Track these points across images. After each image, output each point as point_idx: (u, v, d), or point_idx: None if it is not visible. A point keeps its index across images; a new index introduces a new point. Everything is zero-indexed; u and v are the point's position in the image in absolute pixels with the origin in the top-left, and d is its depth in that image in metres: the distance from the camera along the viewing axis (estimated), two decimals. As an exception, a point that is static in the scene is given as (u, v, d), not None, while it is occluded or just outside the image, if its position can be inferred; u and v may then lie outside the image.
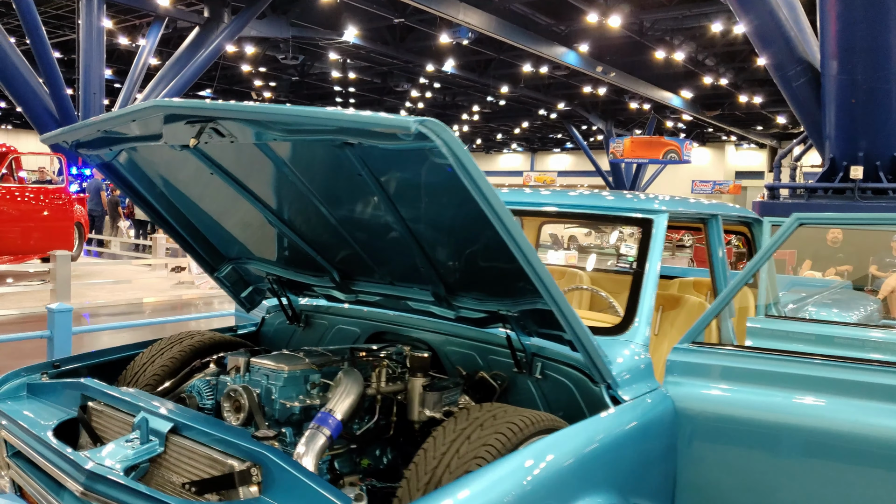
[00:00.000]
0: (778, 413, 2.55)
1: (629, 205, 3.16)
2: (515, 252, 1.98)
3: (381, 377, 2.65)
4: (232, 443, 1.97)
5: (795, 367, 2.59)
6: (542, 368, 2.63)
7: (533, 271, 2.02)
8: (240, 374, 2.55)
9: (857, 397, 2.49)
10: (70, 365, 3.00)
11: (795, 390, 2.57)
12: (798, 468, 2.51)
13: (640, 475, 2.49)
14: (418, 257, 2.58)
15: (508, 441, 2.04)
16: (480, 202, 1.84)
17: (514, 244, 1.95)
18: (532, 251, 1.99)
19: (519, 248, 1.96)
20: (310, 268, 3.18)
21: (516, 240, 1.94)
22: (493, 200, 1.83)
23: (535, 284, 2.07)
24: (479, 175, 1.78)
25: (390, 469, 2.73)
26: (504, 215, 1.87)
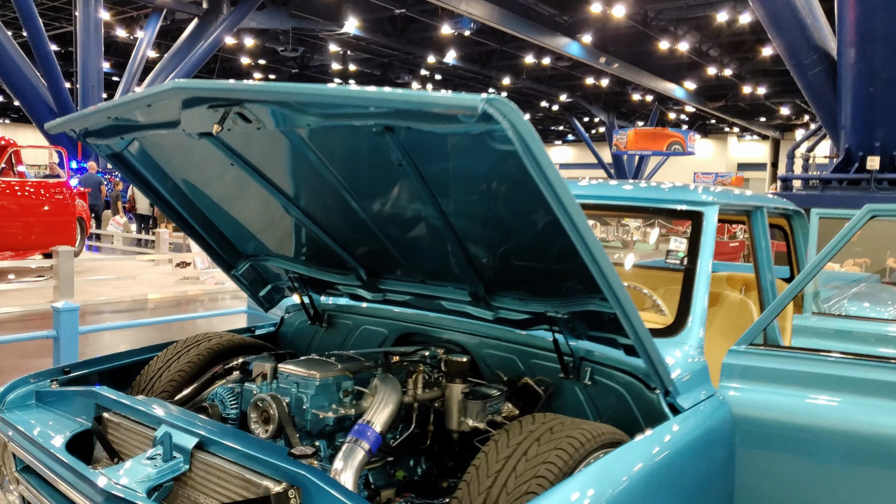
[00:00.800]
0: (848, 422, 2.36)
1: (677, 196, 2.96)
2: (581, 249, 1.78)
3: (418, 384, 2.46)
4: (267, 461, 1.78)
5: (867, 372, 2.39)
6: (591, 374, 2.44)
7: (599, 270, 1.83)
8: (266, 382, 2.36)
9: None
10: (81, 370, 2.80)
11: (867, 396, 2.38)
12: (872, 482, 2.32)
13: (701, 491, 2.30)
14: (456, 254, 2.39)
15: (570, 458, 1.85)
16: (547, 194, 1.64)
17: (580, 241, 1.76)
18: (601, 248, 1.80)
19: (586, 245, 1.76)
20: (334, 265, 2.98)
21: (584, 236, 1.74)
22: (562, 192, 1.64)
23: (598, 284, 1.87)
24: (548, 163, 1.58)
25: (425, 480, 2.55)
26: (573, 209, 1.68)
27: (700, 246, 2.76)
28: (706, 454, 2.31)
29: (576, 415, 2.46)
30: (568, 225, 1.71)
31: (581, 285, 2.20)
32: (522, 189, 1.74)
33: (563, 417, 2.06)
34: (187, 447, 1.93)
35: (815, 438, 2.41)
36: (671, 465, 2.08)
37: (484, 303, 2.56)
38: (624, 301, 1.93)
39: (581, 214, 1.71)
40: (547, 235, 1.99)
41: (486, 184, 1.95)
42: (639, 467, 1.94)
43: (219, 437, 1.92)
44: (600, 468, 1.83)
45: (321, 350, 3.28)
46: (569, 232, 1.73)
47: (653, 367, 2.14)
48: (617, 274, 1.88)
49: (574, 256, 1.84)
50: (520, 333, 2.65)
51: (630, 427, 2.33)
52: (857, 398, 2.38)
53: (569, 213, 1.68)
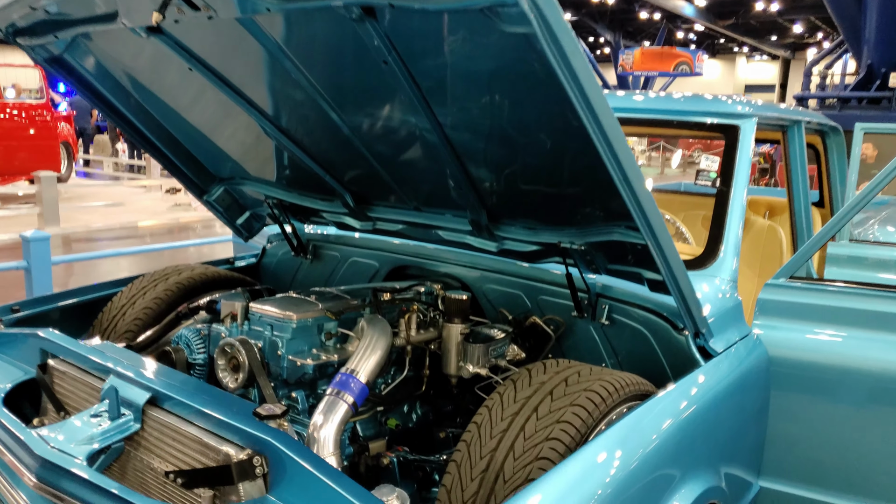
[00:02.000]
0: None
1: (709, 108, 2.57)
2: (612, 166, 1.43)
3: (412, 324, 2.15)
4: (227, 423, 1.48)
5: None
6: (608, 312, 2.13)
7: (632, 193, 1.49)
8: (237, 324, 2.05)
9: None
10: (34, 308, 2.50)
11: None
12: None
13: (735, 441, 2.03)
14: (455, 177, 2.04)
15: (589, 416, 1.56)
16: (573, 92, 1.28)
17: (611, 156, 1.41)
18: (635, 166, 1.45)
19: (618, 161, 1.42)
20: (317, 189, 2.64)
21: (616, 149, 1.39)
22: (592, 91, 1.27)
23: (628, 209, 1.53)
24: (574, 50, 1.21)
25: (421, 428, 2.28)
26: (605, 114, 1.32)
27: (735, 165, 2.40)
28: (741, 402, 2.04)
29: (590, 358, 2.17)
30: (597, 134, 1.35)
31: (603, 211, 1.86)
32: (539, 88, 1.38)
33: (579, 365, 1.76)
34: (138, 403, 1.64)
35: (859, 381, 2.14)
36: (705, 417, 1.80)
37: (487, 232, 2.23)
38: (658, 230, 1.59)
39: (614, 122, 1.35)
40: (567, 149, 1.65)
41: (492, 84, 1.58)
42: (669, 423, 1.66)
43: (174, 392, 1.62)
44: (627, 426, 1.54)
45: (306, 284, 2.98)
46: (597, 143, 1.38)
47: (685, 307, 1.83)
48: (652, 197, 1.53)
49: (600, 175, 1.49)
50: (527, 266, 2.33)
51: (651, 372, 2.04)
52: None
53: (598, 119, 1.32)
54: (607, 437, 1.48)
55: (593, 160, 1.45)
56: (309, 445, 1.71)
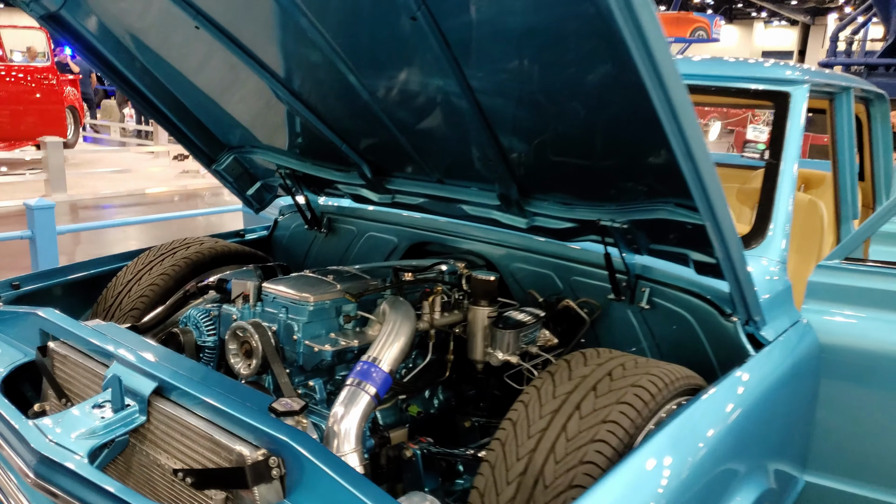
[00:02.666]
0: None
1: (756, 73, 2.38)
2: (674, 139, 1.26)
3: (435, 307, 2.01)
4: (240, 420, 1.35)
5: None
6: (649, 295, 1.98)
7: (694, 166, 1.31)
8: (249, 305, 1.91)
9: None
10: (35, 284, 2.37)
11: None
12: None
13: (785, 437, 1.89)
14: (484, 146, 1.87)
15: (638, 416, 1.42)
16: (637, 53, 1.10)
17: (676, 127, 1.24)
18: (700, 135, 1.27)
19: (681, 129, 1.24)
20: (332, 159, 2.48)
21: (682, 121, 1.22)
22: (660, 51, 1.10)
23: (687, 185, 1.37)
24: (644, 1, 1.03)
25: (443, 414, 2.15)
26: (672, 79, 1.15)
27: (786, 135, 2.21)
28: (792, 394, 1.89)
29: (626, 344, 2.03)
30: (661, 100, 1.18)
31: (650, 186, 1.69)
32: (591, 44, 1.21)
33: (622, 356, 1.61)
34: (144, 393, 1.51)
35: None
36: (759, 413, 1.66)
37: (516, 208, 2.07)
38: (719, 211, 1.43)
39: (682, 87, 1.18)
40: (617, 117, 1.47)
41: (533, 42, 1.40)
42: (722, 422, 1.51)
43: (182, 382, 1.48)
44: (679, 428, 1.39)
45: (320, 260, 2.83)
46: (659, 111, 1.21)
47: (739, 292, 1.67)
48: (717, 175, 1.36)
49: (657, 148, 1.33)
50: (558, 244, 2.17)
51: (693, 361, 1.90)
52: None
53: (664, 82, 1.15)
54: (659, 441, 1.34)
55: (651, 130, 1.28)
56: (328, 439, 1.58)
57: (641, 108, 1.25)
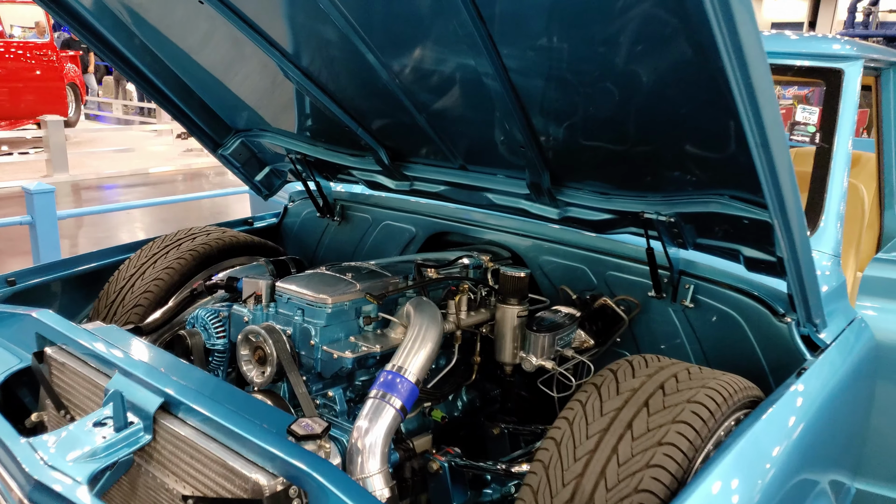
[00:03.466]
0: None
1: (806, 49, 2.19)
2: (749, 125, 1.10)
3: (461, 306, 1.86)
4: (257, 445, 1.21)
5: None
6: (693, 293, 1.83)
7: (768, 160, 1.15)
8: (261, 305, 1.77)
9: None
10: (32, 280, 2.23)
11: None
12: None
13: (844, 445, 1.75)
14: (515, 129, 1.71)
15: (697, 436, 1.27)
16: (714, 21, 0.94)
17: (752, 111, 1.07)
18: (781, 126, 1.11)
19: (760, 118, 1.08)
20: (346, 143, 2.32)
21: (761, 104, 1.05)
22: (743, 19, 0.93)
23: (759, 181, 1.21)
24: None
25: (468, 416, 2.02)
26: (754, 50, 0.98)
27: (839, 116, 2.04)
28: (852, 400, 1.75)
29: (666, 345, 1.88)
30: (738, 78, 1.02)
31: (704, 176, 1.53)
32: (655, 16, 1.04)
33: (673, 364, 1.47)
34: (149, 410, 1.37)
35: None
36: (821, 423, 1.52)
37: (548, 197, 1.91)
38: (791, 206, 1.26)
39: (764, 58, 1.02)
40: (676, 99, 1.31)
41: (581, 14, 1.23)
42: (788, 440, 1.37)
43: (191, 398, 1.35)
44: (745, 449, 1.25)
45: (333, 249, 2.68)
46: (735, 91, 1.04)
47: (802, 294, 1.51)
48: (793, 168, 1.20)
49: (724, 132, 1.17)
50: (592, 236, 2.01)
51: (741, 364, 1.76)
52: None
53: (744, 57, 0.99)
54: (724, 466, 1.19)
55: (721, 115, 1.12)
56: (351, 457, 1.44)
57: (710, 90, 1.09)
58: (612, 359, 1.99)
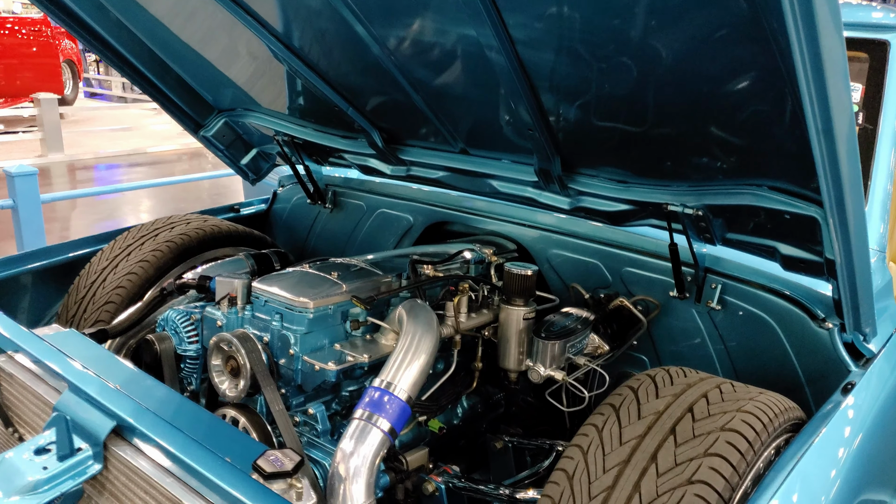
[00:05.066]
0: None
1: (846, 17, 1.96)
2: (811, 102, 0.89)
3: (461, 308, 1.67)
4: (216, 485, 1.03)
5: None
6: (720, 293, 1.63)
7: (830, 147, 0.95)
8: (236, 308, 1.58)
9: None
10: (1, 272, 2.05)
11: None
12: None
13: (891, 460, 1.57)
14: (523, 109, 1.50)
15: (735, 473, 1.08)
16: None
17: (819, 86, 0.87)
18: (850, 106, 0.91)
19: (825, 96, 0.87)
20: (337, 124, 2.12)
21: (829, 79, 0.85)
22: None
23: (817, 170, 1.00)
24: None
25: (468, 424, 1.84)
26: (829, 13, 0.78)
27: (885, 92, 1.82)
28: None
29: (689, 350, 1.70)
30: (803, 42, 0.81)
31: (733, 163, 1.33)
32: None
33: (704, 380, 1.28)
34: (99, 435, 1.20)
35: None
36: (870, 445, 1.33)
37: (558, 184, 1.71)
38: (851, 201, 1.06)
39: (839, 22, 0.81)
40: (718, 75, 1.11)
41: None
42: (837, 467, 1.18)
43: (146, 423, 1.17)
44: (792, 486, 1.06)
45: (325, 239, 2.49)
46: (798, 60, 0.83)
47: (853, 299, 1.31)
48: (858, 156, 1.00)
49: (779, 113, 0.96)
50: (605, 228, 1.81)
51: (772, 373, 1.57)
52: None
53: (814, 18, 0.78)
54: None
55: (765, 93, 0.92)
56: (332, 486, 1.27)
57: (759, 62, 0.88)
58: (628, 365, 1.82)
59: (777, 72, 1.00)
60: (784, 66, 0.96)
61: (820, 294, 1.54)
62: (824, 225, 1.23)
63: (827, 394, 1.37)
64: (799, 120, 0.94)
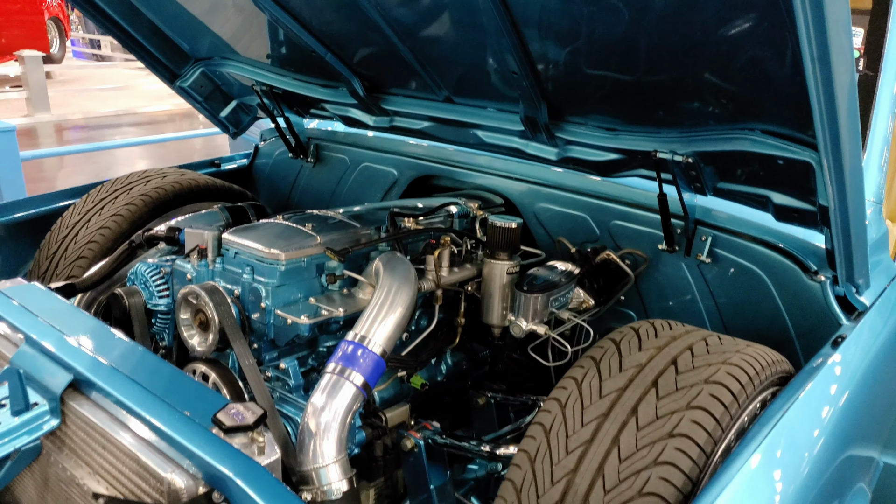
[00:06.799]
0: None
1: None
2: (808, 36, 0.82)
3: (443, 262, 1.61)
4: (173, 439, 0.98)
5: None
6: (710, 246, 1.57)
7: (827, 87, 0.88)
8: (206, 261, 1.52)
9: None
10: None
11: None
12: None
13: (881, 417, 1.53)
14: (508, 53, 1.42)
15: (717, 426, 1.04)
16: None
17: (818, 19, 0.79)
18: (850, 41, 0.83)
19: (823, 29, 0.80)
20: (317, 73, 2.03)
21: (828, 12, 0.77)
22: None
23: (812, 112, 0.93)
24: None
25: (453, 381, 1.80)
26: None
27: (887, 40, 1.74)
28: (893, 367, 1.51)
29: (677, 304, 1.64)
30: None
31: (733, 107, 1.26)
32: None
33: (689, 333, 1.23)
34: (55, 390, 1.14)
35: None
36: (861, 397, 1.30)
37: (545, 134, 1.64)
38: (847, 143, 0.99)
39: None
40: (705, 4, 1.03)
41: None
42: (823, 424, 1.14)
43: (104, 377, 1.12)
44: (776, 441, 1.02)
45: (308, 194, 2.43)
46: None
47: (846, 249, 1.26)
48: (856, 88, 0.93)
49: (773, 50, 0.89)
50: (596, 180, 1.75)
51: (761, 327, 1.52)
52: None
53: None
54: (751, 468, 0.96)
55: (771, 28, 0.84)
56: (302, 441, 1.23)
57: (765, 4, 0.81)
58: (614, 320, 1.77)
59: (776, 13, 0.93)
60: (784, 6, 0.89)
61: (813, 246, 1.48)
62: (818, 169, 1.16)
63: (817, 348, 1.32)
64: (796, 61, 0.86)
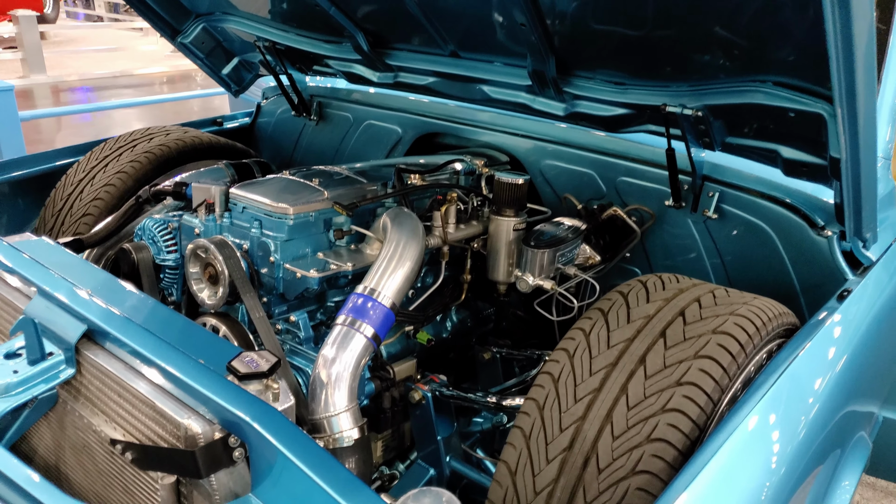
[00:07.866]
0: None
1: None
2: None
3: (449, 218, 1.61)
4: (190, 386, 0.99)
5: None
6: (717, 201, 1.57)
7: (846, 36, 0.87)
8: (214, 216, 1.52)
9: None
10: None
11: None
12: None
13: (885, 370, 1.55)
14: (514, 6, 1.40)
15: (725, 375, 1.06)
16: None
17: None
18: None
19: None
20: (320, 28, 2.01)
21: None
22: None
23: (829, 62, 0.93)
24: None
25: (458, 338, 1.82)
26: None
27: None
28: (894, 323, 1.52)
29: (684, 261, 1.65)
30: None
31: (746, 59, 1.25)
32: None
33: (696, 286, 1.24)
34: (70, 340, 1.16)
35: None
36: (865, 351, 1.31)
37: (553, 89, 1.63)
38: (863, 94, 0.99)
39: None
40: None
41: None
42: (829, 372, 1.16)
43: (118, 327, 1.13)
44: (781, 391, 1.03)
45: (311, 152, 2.41)
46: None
47: (856, 203, 1.26)
48: (874, 35, 0.92)
49: None
50: (603, 136, 1.74)
51: (769, 283, 1.53)
52: None
53: None
54: (758, 413, 0.98)
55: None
56: (314, 391, 1.24)
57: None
58: (620, 277, 1.78)
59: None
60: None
61: (820, 201, 1.48)
62: (831, 121, 1.16)
63: (822, 302, 1.33)
64: (813, 7, 0.85)
